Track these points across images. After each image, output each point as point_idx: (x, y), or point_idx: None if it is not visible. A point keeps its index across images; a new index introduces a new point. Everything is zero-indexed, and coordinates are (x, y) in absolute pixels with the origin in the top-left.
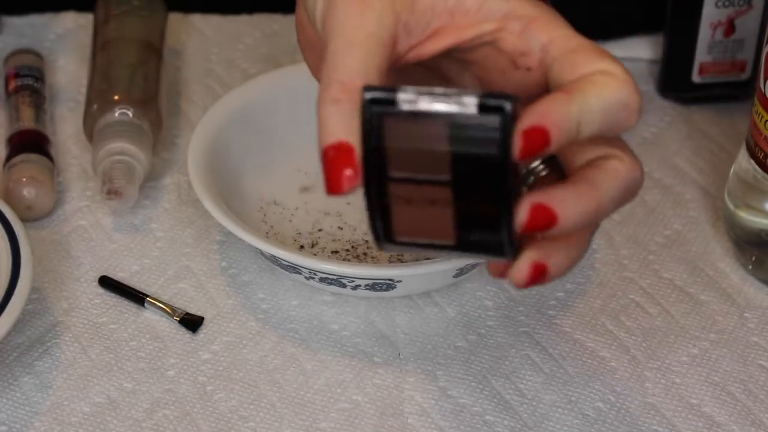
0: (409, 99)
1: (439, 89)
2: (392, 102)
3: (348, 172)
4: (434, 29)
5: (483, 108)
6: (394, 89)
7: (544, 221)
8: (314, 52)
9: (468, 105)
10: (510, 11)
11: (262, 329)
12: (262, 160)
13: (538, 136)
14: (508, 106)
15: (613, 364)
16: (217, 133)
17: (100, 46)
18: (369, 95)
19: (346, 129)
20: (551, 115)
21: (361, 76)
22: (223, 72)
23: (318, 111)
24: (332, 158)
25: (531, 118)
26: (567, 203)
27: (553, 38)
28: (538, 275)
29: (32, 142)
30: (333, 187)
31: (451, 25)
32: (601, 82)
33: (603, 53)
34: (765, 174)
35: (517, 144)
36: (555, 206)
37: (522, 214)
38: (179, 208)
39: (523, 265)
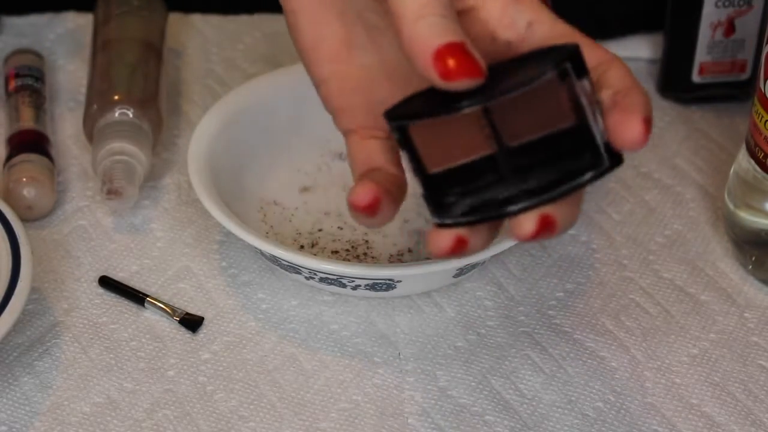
0: None
1: None
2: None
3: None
4: None
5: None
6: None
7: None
8: None
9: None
10: None
11: (262, 329)
12: (262, 160)
13: None
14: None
15: (613, 364)
16: (217, 133)
17: (100, 46)
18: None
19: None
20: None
21: None
22: (223, 72)
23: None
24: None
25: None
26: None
27: (540, 19)
28: (545, 228)
29: (32, 142)
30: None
31: None
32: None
33: (593, 43)
34: (765, 174)
35: None
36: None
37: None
38: (179, 208)
39: (530, 218)
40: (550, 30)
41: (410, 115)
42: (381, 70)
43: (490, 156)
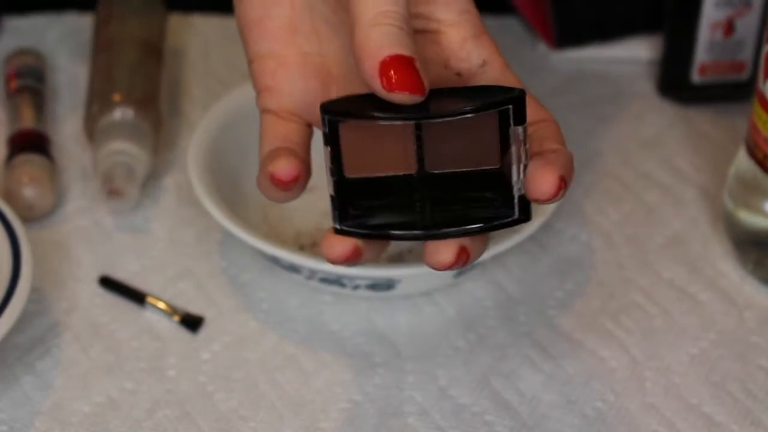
0: None
1: None
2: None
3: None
4: None
5: None
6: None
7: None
8: None
9: None
10: (468, 11)
11: (262, 329)
12: None
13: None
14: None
15: (612, 364)
16: (217, 133)
17: (100, 46)
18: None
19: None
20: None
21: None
22: (223, 72)
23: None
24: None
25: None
26: None
27: (494, 61)
28: (461, 259)
29: (33, 142)
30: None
31: None
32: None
33: (535, 99)
34: (765, 174)
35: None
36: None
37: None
38: (179, 208)
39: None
40: (500, 74)
41: (345, 113)
42: (319, 62)
43: (408, 176)
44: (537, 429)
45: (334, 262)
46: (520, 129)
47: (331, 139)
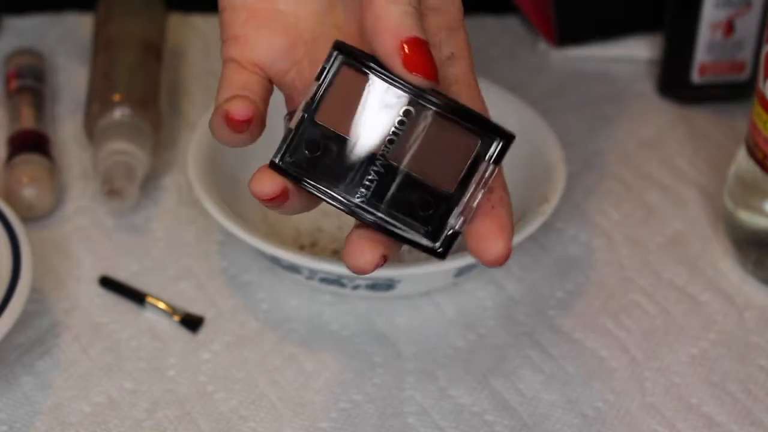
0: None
1: None
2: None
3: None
4: None
5: None
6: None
7: None
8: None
9: None
10: (452, 1)
11: (262, 329)
12: (261, 160)
13: None
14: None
15: (612, 364)
16: None
17: (100, 46)
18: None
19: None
20: None
21: None
22: None
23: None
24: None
25: None
26: None
27: (461, 58)
28: (379, 266)
29: (33, 142)
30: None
31: None
32: None
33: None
34: (765, 174)
35: None
36: None
37: None
38: (179, 208)
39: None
40: (462, 73)
41: (356, 58)
42: (292, 22)
43: (371, 155)
44: (537, 429)
45: (258, 197)
46: (490, 169)
47: (327, 76)
